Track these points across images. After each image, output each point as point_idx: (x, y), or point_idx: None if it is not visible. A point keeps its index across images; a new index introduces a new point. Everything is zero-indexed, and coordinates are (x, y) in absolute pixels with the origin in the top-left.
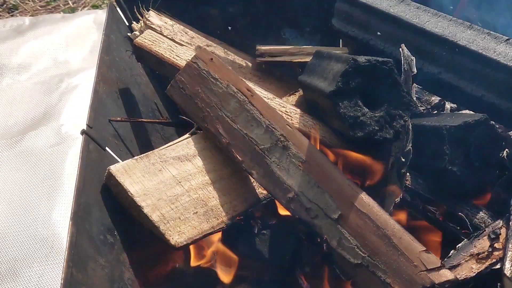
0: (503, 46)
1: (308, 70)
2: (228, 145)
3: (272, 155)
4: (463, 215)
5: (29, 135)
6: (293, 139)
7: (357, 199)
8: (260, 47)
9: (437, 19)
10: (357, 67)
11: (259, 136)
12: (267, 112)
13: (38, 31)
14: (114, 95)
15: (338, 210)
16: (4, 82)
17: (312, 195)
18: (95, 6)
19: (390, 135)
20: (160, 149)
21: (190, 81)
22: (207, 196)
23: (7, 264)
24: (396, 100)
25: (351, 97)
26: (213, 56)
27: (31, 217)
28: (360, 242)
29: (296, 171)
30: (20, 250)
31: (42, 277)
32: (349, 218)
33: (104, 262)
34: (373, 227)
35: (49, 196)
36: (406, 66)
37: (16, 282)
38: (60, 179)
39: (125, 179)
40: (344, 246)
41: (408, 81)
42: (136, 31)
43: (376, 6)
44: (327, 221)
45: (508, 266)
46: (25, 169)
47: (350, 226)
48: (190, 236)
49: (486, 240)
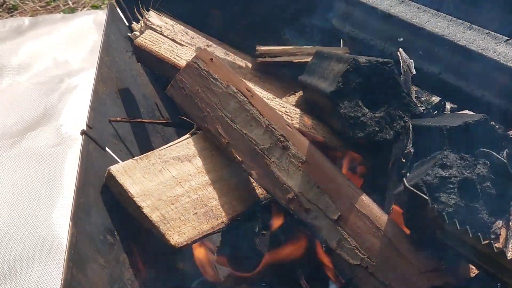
0: (503, 46)
1: (309, 70)
2: (227, 145)
3: (272, 155)
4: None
5: (29, 136)
6: (293, 139)
7: (357, 200)
8: (260, 48)
9: (437, 19)
10: (358, 67)
11: (258, 136)
12: (267, 112)
13: (38, 31)
14: (114, 95)
15: (337, 211)
16: (4, 82)
17: (312, 195)
18: (95, 6)
19: (390, 136)
20: (160, 150)
21: (190, 81)
22: (207, 196)
23: (7, 264)
24: (396, 101)
25: (352, 97)
26: (213, 56)
27: (31, 217)
28: (359, 243)
29: (296, 172)
30: (20, 250)
31: (42, 277)
32: (348, 219)
33: (104, 262)
34: (372, 228)
35: (49, 196)
36: (405, 68)
37: (16, 282)
38: (60, 179)
39: (125, 180)
40: (343, 247)
41: (408, 82)
42: (136, 31)
43: (376, 6)
44: (327, 222)
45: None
46: (25, 169)
47: (349, 227)
48: (190, 237)
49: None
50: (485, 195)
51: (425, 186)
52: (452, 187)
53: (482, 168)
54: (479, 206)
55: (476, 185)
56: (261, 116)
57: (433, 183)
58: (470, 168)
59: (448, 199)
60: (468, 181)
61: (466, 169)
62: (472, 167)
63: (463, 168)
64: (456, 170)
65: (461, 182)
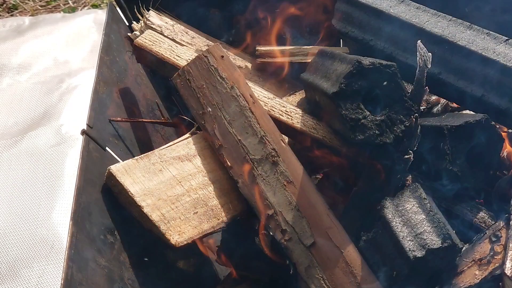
0: (502, 46)
1: (311, 68)
2: (220, 147)
3: (261, 168)
4: None
5: (29, 135)
6: (284, 156)
7: (332, 231)
8: (260, 48)
9: (436, 19)
10: (361, 69)
11: (251, 145)
12: (264, 122)
13: (38, 31)
14: (114, 95)
15: (311, 238)
16: (4, 82)
17: (291, 217)
18: (95, 6)
19: (390, 140)
20: (160, 149)
21: (197, 74)
22: (207, 196)
23: (7, 264)
24: (398, 105)
25: (354, 99)
26: (225, 54)
27: (31, 217)
28: (327, 275)
29: (280, 190)
30: (20, 250)
31: (42, 277)
32: (321, 249)
33: (104, 262)
34: (342, 262)
35: (49, 196)
36: (421, 63)
37: (16, 282)
38: (60, 179)
39: (126, 179)
40: (310, 275)
41: (422, 78)
42: (136, 31)
43: (376, 7)
44: (300, 246)
45: (508, 265)
46: (25, 169)
47: (320, 257)
48: (190, 236)
49: (487, 244)
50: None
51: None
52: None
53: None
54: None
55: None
56: (258, 125)
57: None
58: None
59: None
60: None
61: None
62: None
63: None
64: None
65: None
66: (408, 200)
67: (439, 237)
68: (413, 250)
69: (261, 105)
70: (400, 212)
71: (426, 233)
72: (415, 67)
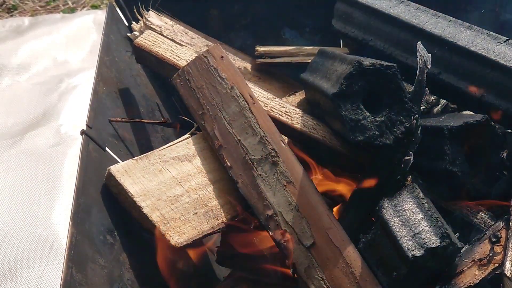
0: (502, 46)
1: (311, 68)
2: (219, 148)
3: (260, 168)
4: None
5: (29, 135)
6: (283, 156)
7: (332, 232)
8: (260, 48)
9: (436, 19)
10: (362, 70)
11: (251, 145)
12: (264, 123)
13: (38, 31)
14: (114, 95)
15: (311, 238)
16: (3, 82)
17: (290, 218)
18: (94, 6)
19: (390, 141)
20: (160, 150)
21: (197, 74)
22: (207, 196)
23: (7, 264)
24: (398, 106)
25: (354, 100)
26: (224, 54)
27: (31, 217)
28: (327, 276)
29: (280, 190)
30: (20, 250)
31: (42, 278)
32: (321, 249)
33: (104, 262)
34: (342, 263)
35: (49, 196)
36: (421, 64)
37: (16, 282)
38: (60, 179)
39: (125, 180)
40: (310, 275)
41: (422, 80)
42: (136, 31)
43: (376, 7)
44: (299, 247)
45: (508, 266)
46: (24, 169)
47: (320, 257)
48: (190, 237)
49: (487, 244)
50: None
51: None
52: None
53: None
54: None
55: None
56: (258, 126)
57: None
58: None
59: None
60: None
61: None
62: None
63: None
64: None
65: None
66: (406, 200)
67: (438, 236)
68: (412, 250)
69: (261, 105)
70: (398, 212)
71: (424, 233)
72: (415, 68)
